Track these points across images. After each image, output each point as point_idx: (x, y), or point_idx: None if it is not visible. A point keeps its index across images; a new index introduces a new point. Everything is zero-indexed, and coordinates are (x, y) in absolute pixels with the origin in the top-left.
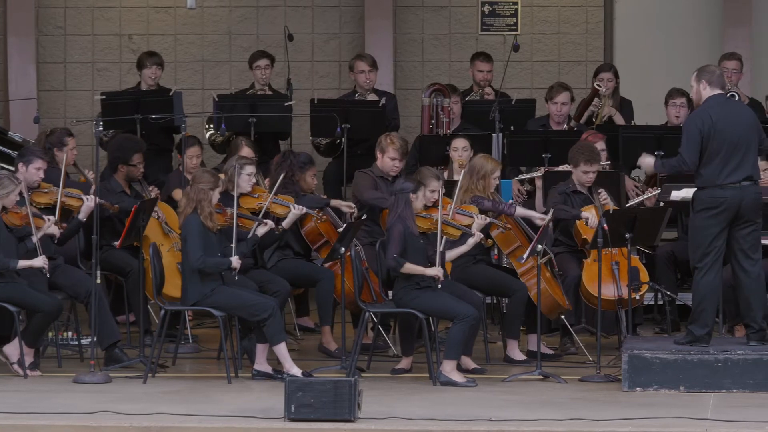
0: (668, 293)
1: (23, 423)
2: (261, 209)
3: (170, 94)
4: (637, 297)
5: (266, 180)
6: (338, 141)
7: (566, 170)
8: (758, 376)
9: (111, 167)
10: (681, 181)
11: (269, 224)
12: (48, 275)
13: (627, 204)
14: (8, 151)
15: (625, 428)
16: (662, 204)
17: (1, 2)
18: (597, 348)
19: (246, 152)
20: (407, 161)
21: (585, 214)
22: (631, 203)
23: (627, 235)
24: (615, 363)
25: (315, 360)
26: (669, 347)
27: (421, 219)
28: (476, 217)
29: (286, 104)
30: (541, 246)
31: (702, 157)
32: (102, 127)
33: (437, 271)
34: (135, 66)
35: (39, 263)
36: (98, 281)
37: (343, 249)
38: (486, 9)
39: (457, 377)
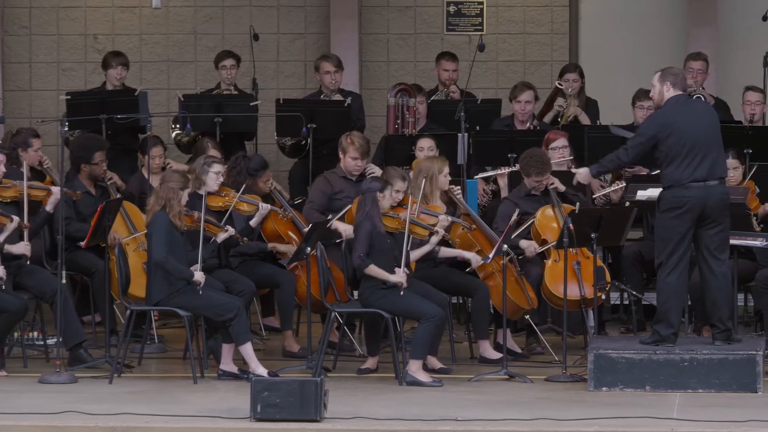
0: (634, 293)
1: None
2: (227, 208)
3: (135, 94)
4: (603, 297)
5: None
6: (303, 142)
7: None
8: (724, 376)
9: (74, 167)
10: (647, 181)
11: (230, 231)
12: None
13: (593, 196)
14: None
15: (591, 428)
16: (628, 204)
17: None
18: (563, 348)
19: (212, 153)
20: (373, 162)
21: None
22: (597, 195)
23: (593, 235)
24: (581, 363)
25: (281, 360)
26: (635, 347)
27: (388, 218)
28: (441, 218)
29: (252, 104)
30: (506, 246)
31: (666, 158)
32: (67, 127)
33: (400, 279)
34: (100, 66)
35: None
36: (63, 281)
37: (309, 249)
38: (451, 9)
39: (423, 377)
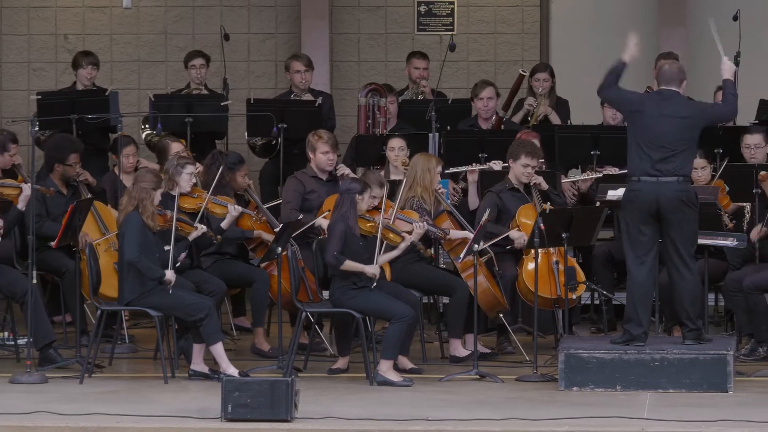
0: (605, 293)
1: None
2: (200, 209)
3: (106, 94)
4: (574, 297)
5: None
6: (274, 142)
7: (498, 170)
8: (694, 376)
9: (47, 167)
10: (618, 181)
11: (201, 228)
12: None
13: (563, 181)
14: None
15: (562, 428)
16: (598, 203)
17: None
18: (534, 347)
19: (175, 147)
20: (344, 162)
21: (514, 234)
22: (566, 181)
23: (563, 235)
24: (552, 362)
25: (252, 360)
26: (605, 347)
27: (363, 221)
28: (415, 225)
29: (223, 104)
30: (478, 246)
31: (629, 145)
32: (38, 127)
33: (375, 270)
34: (71, 66)
35: None
36: (34, 281)
37: (280, 249)
38: (422, 9)
39: (394, 377)
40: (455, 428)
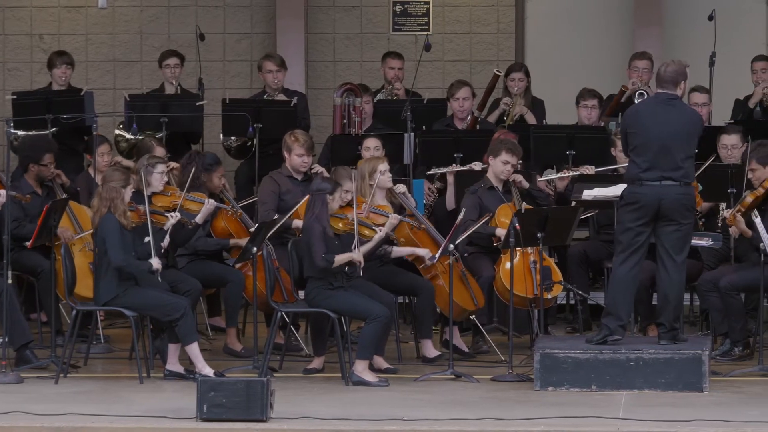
0: (580, 292)
1: None
2: (175, 207)
3: (81, 94)
4: (549, 297)
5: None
6: (249, 143)
7: (477, 170)
8: (669, 376)
9: (22, 167)
10: (593, 181)
11: (175, 216)
12: None
13: (539, 180)
14: None
15: (538, 427)
16: (574, 203)
17: None
18: (509, 347)
19: (159, 152)
20: (320, 162)
21: (500, 232)
22: (542, 179)
23: (539, 235)
24: (527, 362)
25: (227, 360)
26: (581, 346)
27: (336, 219)
28: (390, 217)
29: (198, 104)
30: (453, 246)
31: (630, 154)
32: (13, 127)
33: (359, 256)
34: (46, 66)
35: None
36: (9, 281)
37: (255, 249)
38: (397, 9)
39: (370, 377)
40: (430, 428)
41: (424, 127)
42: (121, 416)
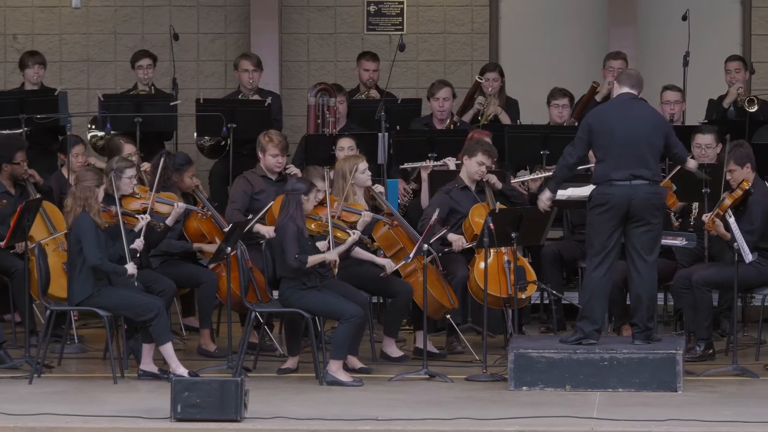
0: (554, 292)
1: None
2: (145, 209)
3: (55, 94)
4: (524, 296)
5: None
6: (223, 142)
7: (451, 168)
8: (643, 375)
9: None
10: (567, 181)
11: (146, 219)
12: None
13: (512, 181)
14: None
15: (512, 427)
16: None
17: None
18: (483, 347)
19: (128, 149)
20: (294, 162)
21: (452, 237)
22: (516, 181)
23: (513, 235)
24: (501, 362)
25: (201, 360)
26: (555, 346)
27: (310, 220)
28: (363, 214)
29: (172, 104)
30: (427, 245)
31: (597, 154)
32: None
33: (334, 256)
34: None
35: None
36: None
37: (229, 249)
38: (371, 8)
39: (344, 377)
40: (404, 428)
41: (398, 127)
42: (95, 416)
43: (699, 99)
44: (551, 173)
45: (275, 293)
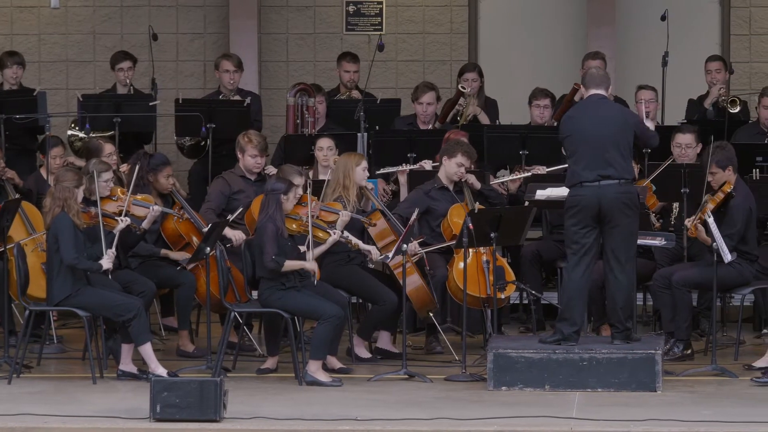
0: (533, 292)
1: None
2: (122, 211)
3: (34, 94)
4: (503, 296)
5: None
6: (203, 142)
7: (428, 169)
8: (622, 375)
9: None
10: (546, 181)
11: (125, 221)
12: None
13: (492, 182)
14: None
15: (491, 427)
16: (527, 203)
17: None
18: (462, 347)
19: (108, 149)
20: (273, 162)
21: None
22: (495, 182)
23: (492, 235)
24: (480, 362)
25: (180, 360)
26: (534, 346)
27: (290, 220)
28: (341, 214)
29: (151, 104)
30: (407, 246)
31: (568, 157)
32: None
33: (313, 265)
34: None
35: None
36: None
37: (209, 249)
38: (350, 9)
39: (323, 377)
40: (384, 428)
41: (377, 127)
42: (75, 416)
43: (678, 99)
44: (531, 173)
45: (254, 293)
